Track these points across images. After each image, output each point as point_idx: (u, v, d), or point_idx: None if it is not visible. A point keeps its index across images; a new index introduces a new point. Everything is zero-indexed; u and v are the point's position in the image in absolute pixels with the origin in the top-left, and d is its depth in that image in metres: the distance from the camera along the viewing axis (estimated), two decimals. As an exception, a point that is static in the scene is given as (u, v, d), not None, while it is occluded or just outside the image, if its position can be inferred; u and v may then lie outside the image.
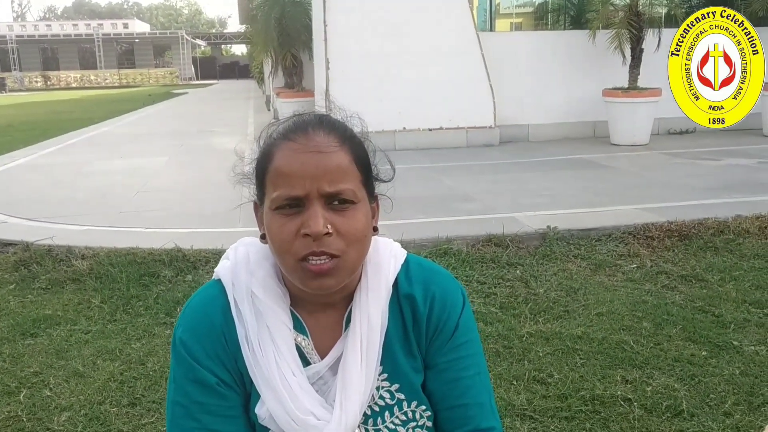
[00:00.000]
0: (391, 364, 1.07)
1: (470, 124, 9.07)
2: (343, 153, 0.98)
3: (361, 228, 0.98)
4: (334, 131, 1.00)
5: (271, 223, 0.98)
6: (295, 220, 0.96)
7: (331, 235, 0.95)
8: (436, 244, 4.24)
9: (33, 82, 47.46)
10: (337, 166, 0.97)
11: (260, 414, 1.03)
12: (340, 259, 0.96)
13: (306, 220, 0.95)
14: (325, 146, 0.97)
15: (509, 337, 3.04)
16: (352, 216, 0.97)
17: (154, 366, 2.88)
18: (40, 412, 2.54)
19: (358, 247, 0.99)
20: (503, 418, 2.38)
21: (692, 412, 2.40)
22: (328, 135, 0.98)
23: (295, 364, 1.03)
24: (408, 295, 1.08)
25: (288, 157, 0.97)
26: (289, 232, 0.96)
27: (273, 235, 0.98)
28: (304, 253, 0.95)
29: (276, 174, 0.97)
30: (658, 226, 4.46)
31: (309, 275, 0.96)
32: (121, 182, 7.14)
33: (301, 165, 0.95)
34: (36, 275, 4.00)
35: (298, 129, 0.99)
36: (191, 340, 1.04)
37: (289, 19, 11.57)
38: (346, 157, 0.98)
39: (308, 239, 0.95)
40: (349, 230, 0.97)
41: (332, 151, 0.97)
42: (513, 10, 18.96)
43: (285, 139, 0.99)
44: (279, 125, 1.03)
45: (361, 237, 0.99)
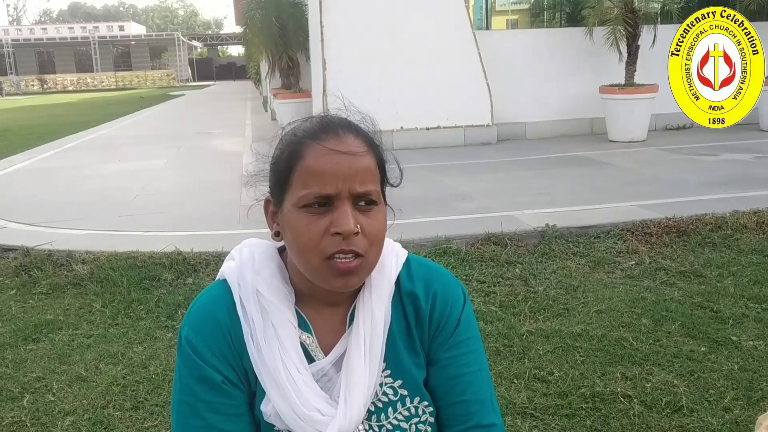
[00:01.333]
0: (394, 360, 1.09)
1: (468, 122, 9.08)
2: (370, 156, 1.02)
3: (382, 229, 1.02)
4: (361, 135, 1.03)
5: (296, 221, 1.00)
6: (324, 219, 0.98)
7: (359, 234, 0.98)
8: (436, 244, 4.26)
9: (30, 85, 47.44)
10: (366, 168, 1.00)
11: (265, 411, 1.05)
12: (363, 258, 0.99)
13: (336, 219, 0.97)
14: (356, 148, 1.00)
15: (509, 336, 3.06)
16: (375, 217, 1.01)
17: (156, 369, 2.89)
18: (43, 417, 2.56)
19: (378, 247, 1.02)
20: (504, 416, 2.39)
21: (691, 407, 2.42)
22: (357, 137, 1.02)
23: (299, 361, 1.04)
24: (410, 292, 1.10)
25: (321, 156, 0.99)
26: (317, 231, 0.98)
27: (298, 233, 0.99)
28: (333, 250, 0.97)
29: (306, 172, 0.99)
30: (656, 223, 4.48)
31: (335, 273, 0.98)
32: (120, 186, 7.15)
33: (335, 165, 0.98)
34: (37, 280, 4.01)
35: (329, 130, 1.02)
36: (197, 339, 1.05)
37: (286, 20, 11.58)
38: (372, 160, 1.02)
39: (337, 238, 0.97)
40: (372, 230, 1.00)
41: (362, 153, 1.00)
42: (509, 7, 18.98)
43: (315, 140, 1.01)
44: (301, 124, 1.05)
45: (382, 237, 1.03)
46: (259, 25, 12.17)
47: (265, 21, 11.71)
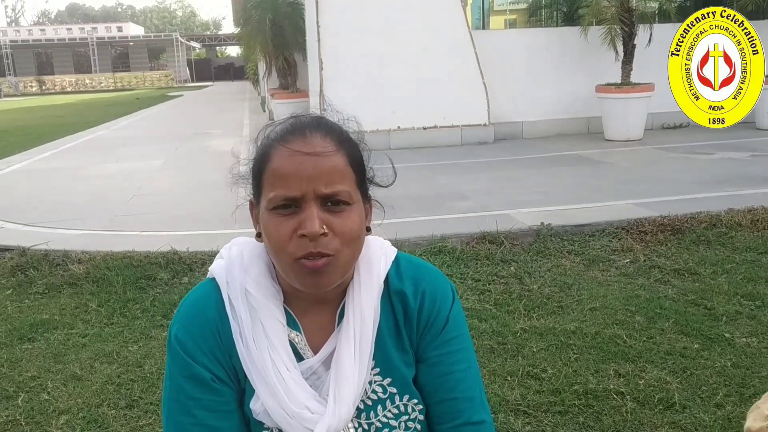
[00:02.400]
0: (383, 358, 1.09)
1: (464, 122, 9.09)
2: (339, 155, 1.00)
3: (355, 228, 1.01)
4: (331, 134, 1.02)
5: (267, 222, 1.00)
6: (292, 220, 0.98)
7: (327, 235, 0.97)
8: (431, 243, 4.27)
9: (28, 86, 47.37)
10: (333, 168, 0.99)
11: (255, 409, 1.05)
12: (333, 257, 0.98)
13: (302, 221, 0.97)
14: (322, 148, 0.99)
15: (503, 334, 3.07)
16: (347, 217, 1.00)
17: (151, 368, 2.90)
18: (38, 416, 2.56)
19: (352, 247, 1.01)
20: (497, 413, 2.40)
21: (684, 404, 2.43)
22: (325, 137, 1.01)
23: (288, 359, 1.05)
24: (399, 291, 1.10)
25: (285, 158, 0.99)
26: (286, 232, 0.98)
27: (269, 235, 1.00)
28: (301, 254, 0.97)
29: (273, 175, 0.99)
30: (651, 221, 4.49)
31: (304, 273, 0.99)
32: (117, 186, 7.15)
33: (298, 166, 0.97)
34: (33, 280, 4.02)
35: (296, 131, 1.01)
36: (186, 337, 1.06)
37: (283, 21, 11.58)
38: (341, 160, 1.00)
39: (305, 240, 0.97)
40: (344, 230, 0.99)
41: (329, 153, 0.99)
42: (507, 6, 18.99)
43: (282, 141, 1.01)
44: (276, 126, 1.05)
45: (355, 237, 1.01)
46: (255, 25, 12.17)
47: (261, 21, 11.71)
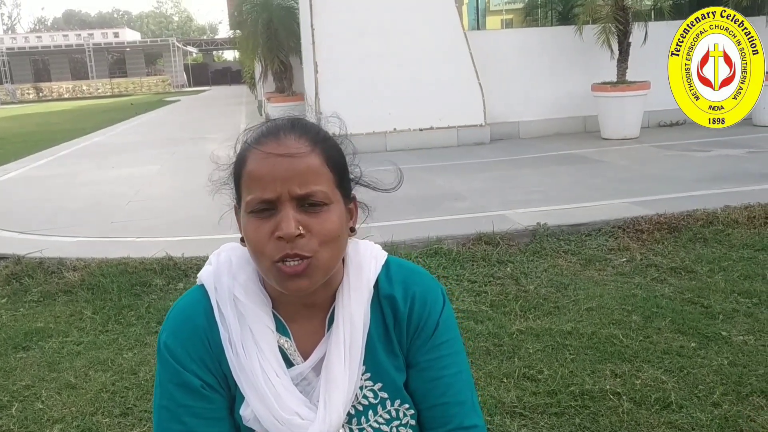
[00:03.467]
0: (373, 363, 1.08)
1: (460, 123, 9.08)
2: (314, 155, 0.99)
3: (334, 229, 0.99)
4: (306, 134, 1.01)
5: (246, 225, 1.00)
6: (269, 223, 0.97)
7: (304, 236, 0.97)
8: (427, 245, 4.25)
9: (25, 94, 47.30)
10: (307, 168, 0.98)
11: (245, 415, 1.05)
12: (312, 258, 0.97)
13: (278, 223, 0.96)
14: (296, 149, 0.98)
15: (499, 335, 3.05)
16: (325, 218, 0.99)
17: (146, 375, 2.88)
18: (32, 425, 2.55)
19: (331, 248, 1.00)
20: (493, 416, 2.39)
21: (681, 403, 2.41)
22: (299, 138, 1.00)
23: (278, 365, 1.04)
24: (388, 295, 1.09)
25: (259, 161, 0.99)
26: (264, 235, 0.98)
27: (249, 238, 1.00)
28: (279, 255, 0.97)
29: (249, 178, 0.99)
30: (647, 219, 4.48)
31: (284, 277, 0.98)
32: (113, 192, 7.13)
33: (272, 168, 0.97)
34: (28, 288, 4.00)
35: (270, 134, 1.01)
36: (175, 344, 1.06)
37: (277, 24, 11.58)
38: (316, 159, 0.99)
39: (282, 242, 0.96)
40: (321, 231, 0.98)
41: (302, 153, 0.98)
42: (503, 7, 19.00)
43: (257, 144, 1.01)
44: (253, 131, 1.05)
45: (334, 237, 1.00)
46: (250, 28, 12.17)
47: (256, 25, 11.71)
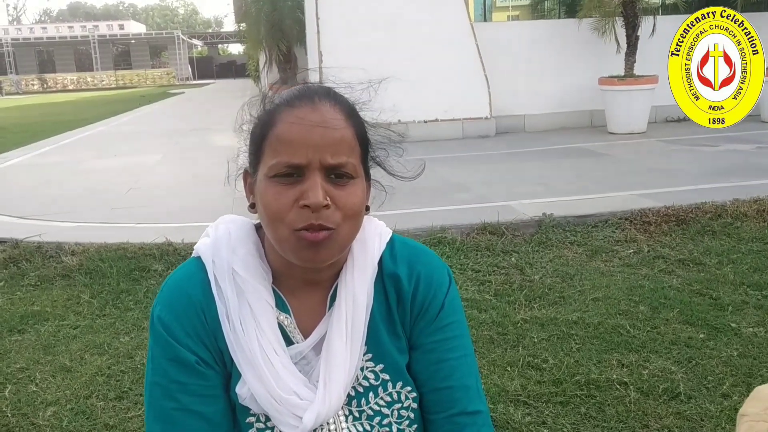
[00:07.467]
0: (375, 344, 1.04)
1: (466, 115, 9.01)
2: (348, 127, 0.96)
3: (358, 203, 0.96)
4: (339, 104, 0.97)
5: (266, 190, 0.94)
6: (293, 190, 0.92)
7: (329, 207, 0.92)
8: (431, 233, 4.19)
9: (30, 85, 47.34)
10: (342, 138, 0.94)
11: (241, 394, 1.00)
12: (334, 231, 0.93)
13: (305, 191, 0.92)
14: (331, 117, 0.94)
15: (504, 324, 2.99)
16: (351, 191, 0.95)
17: (142, 360, 2.83)
18: (25, 407, 2.50)
19: (352, 223, 0.96)
20: (496, 404, 2.33)
21: (689, 394, 2.35)
22: (334, 107, 0.96)
23: (277, 342, 0.99)
24: (392, 273, 1.05)
25: (292, 124, 0.94)
26: (286, 202, 0.92)
27: (267, 204, 0.94)
28: (302, 225, 0.92)
29: (277, 140, 0.94)
30: (655, 211, 4.41)
31: (303, 245, 0.93)
32: (114, 179, 7.09)
33: (306, 133, 0.92)
34: (25, 272, 3.95)
35: (304, 97, 0.97)
36: (169, 318, 1.00)
37: (282, 14, 11.53)
38: (350, 132, 0.96)
39: (306, 211, 0.91)
40: (346, 204, 0.94)
41: (338, 122, 0.94)
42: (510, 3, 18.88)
43: (289, 106, 0.96)
44: (283, 91, 1.01)
45: (357, 212, 0.96)
46: (254, 18, 12.12)
47: (260, 15, 11.66)
